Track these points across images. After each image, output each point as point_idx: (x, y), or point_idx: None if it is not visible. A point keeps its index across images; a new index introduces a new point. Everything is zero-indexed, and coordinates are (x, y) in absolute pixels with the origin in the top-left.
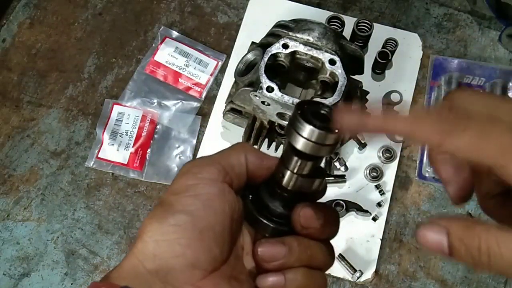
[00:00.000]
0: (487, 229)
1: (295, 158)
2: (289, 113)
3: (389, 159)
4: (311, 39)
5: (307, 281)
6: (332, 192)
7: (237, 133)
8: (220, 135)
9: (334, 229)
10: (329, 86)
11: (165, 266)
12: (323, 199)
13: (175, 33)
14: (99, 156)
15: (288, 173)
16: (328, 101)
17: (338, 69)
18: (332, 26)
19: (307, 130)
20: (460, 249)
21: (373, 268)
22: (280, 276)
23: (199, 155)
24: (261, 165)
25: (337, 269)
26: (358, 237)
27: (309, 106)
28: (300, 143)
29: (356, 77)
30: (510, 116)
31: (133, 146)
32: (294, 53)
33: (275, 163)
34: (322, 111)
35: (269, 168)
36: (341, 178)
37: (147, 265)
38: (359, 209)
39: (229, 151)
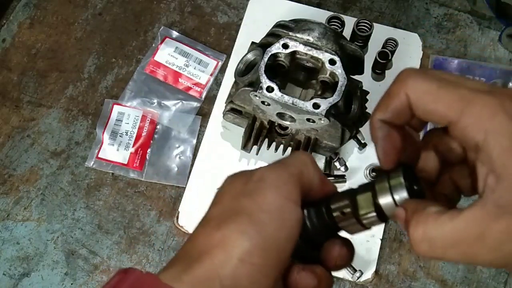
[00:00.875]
0: (425, 216)
1: (370, 211)
2: (289, 113)
3: None
4: (311, 39)
5: None
6: None
7: (237, 133)
8: (220, 135)
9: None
10: (329, 86)
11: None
12: None
13: (175, 33)
14: (99, 156)
15: (349, 214)
16: (328, 101)
17: (338, 69)
18: (332, 26)
19: (403, 197)
20: (408, 231)
21: (373, 268)
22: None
23: (199, 155)
24: (321, 189)
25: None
26: (358, 237)
27: (411, 173)
28: (386, 203)
29: (356, 77)
30: (473, 84)
31: (133, 146)
32: (294, 53)
33: (331, 191)
34: (416, 187)
35: (326, 194)
36: (341, 178)
37: (224, 282)
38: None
39: (302, 167)
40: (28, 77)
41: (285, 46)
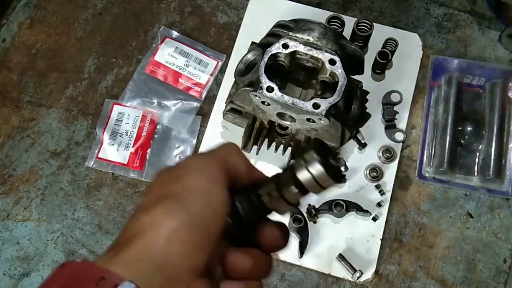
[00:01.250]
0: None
1: (292, 187)
2: (289, 113)
3: (389, 159)
4: (311, 39)
5: None
6: (332, 192)
7: (237, 133)
8: (220, 135)
9: (285, 246)
10: (329, 86)
11: (172, 265)
12: (323, 198)
13: (175, 33)
14: (99, 156)
15: (275, 195)
16: (328, 101)
17: (338, 69)
18: (332, 26)
19: (318, 169)
20: None
21: (373, 268)
22: (242, 285)
23: None
24: (248, 176)
25: (337, 269)
26: (358, 237)
27: (326, 150)
28: (304, 177)
29: (356, 77)
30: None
31: (133, 146)
32: (294, 53)
33: (259, 177)
34: (332, 161)
35: (253, 179)
36: (341, 178)
37: (155, 260)
38: (359, 209)
39: (227, 153)
40: (28, 77)
41: (285, 46)
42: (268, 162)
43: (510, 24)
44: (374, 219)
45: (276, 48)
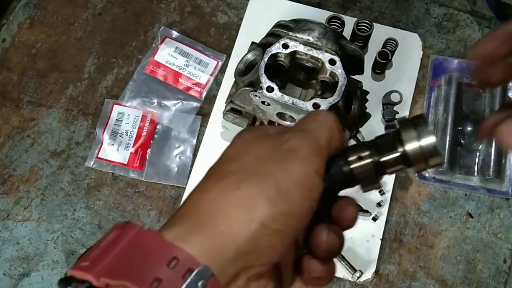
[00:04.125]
0: None
1: (391, 156)
2: (289, 113)
3: None
4: (311, 39)
5: None
6: None
7: None
8: (220, 135)
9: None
10: (329, 86)
11: (256, 254)
12: None
13: (175, 33)
14: (99, 156)
15: (368, 161)
16: (328, 101)
17: (338, 69)
18: (332, 26)
19: (430, 140)
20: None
21: (373, 268)
22: (332, 265)
23: (199, 155)
24: (341, 145)
25: (337, 269)
26: (358, 237)
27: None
28: (412, 147)
29: (356, 77)
30: None
31: (133, 146)
32: (294, 53)
33: (345, 144)
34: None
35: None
36: None
37: (240, 246)
38: (359, 209)
39: (331, 137)
40: (28, 77)
41: (285, 46)
42: None
43: None
44: (374, 219)
45: (276, 48)
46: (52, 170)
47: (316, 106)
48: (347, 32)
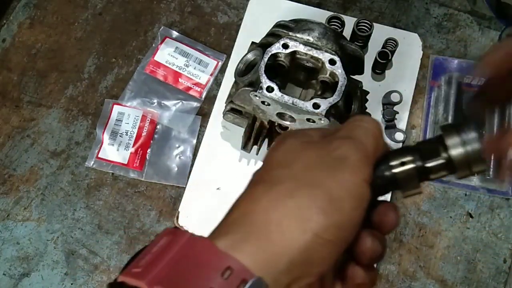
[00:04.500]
0: None
1: (435, 162)
2: (289, 113)
3: None
4: (311, 39)
5: None
6: None
7: (237, 133)
8: (220, 135)
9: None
10: (329, 86)
11: (308, 265)
12: None
13: (175, 33)
14: (99, 156)
15: (411, 167)
16: (328, 101)
17: (338, 69)
18: (332, 26)
19: (475, 146)
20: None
21: None
22: (375, 272)
23: (199, 155)
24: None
25: None
26: None
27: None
28: (457, 152)
29: (356, 77)
30: None
31: (133, 146)
32: (294, 53)
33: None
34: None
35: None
36: None
37: (293, 257)
38: None
39: (376, 143)
40: (28, 77)
41: (285, 46)
42: None
43: (510, 24)
44: None
45: (276, 48)
46: (52, 170)
47: (316, 106)
48: (347, 32)
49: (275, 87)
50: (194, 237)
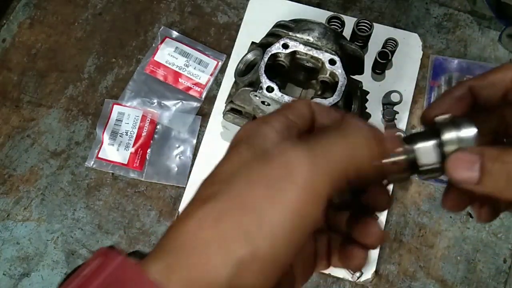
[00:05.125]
0: (499, 154)
1: (434, 162)
2: None
3: None
4: (311, 39)
5: None
6: None
7: None
8: (220, 135)
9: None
10: (329, 86)
11: None
12: None
13: (175, 33)
14: (99, 156)
15: (403, 157)
16: (328, 101)
17: (338, 69)
18: (332, 26)
19: (470, 132)
20: (492, 171)
21: (373, 268)
22: (365, 251)
23: (199, 155)
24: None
25: (337, 269)
26: None
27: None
28: (450, 136)
29: (356, 77)
30: None
31: (133, 146)
32: (294, 53)
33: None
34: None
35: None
36: None
37: (221, 285)
38: None
39: (352, 155)
40: (28, 77)
41: (285, 46)
42: None
43: (510, 24)
44: None
45: (276, 48)
46: (52, 170)
47: None
48: (347, 32)
49: (275, 87)
50: (125, 261)
